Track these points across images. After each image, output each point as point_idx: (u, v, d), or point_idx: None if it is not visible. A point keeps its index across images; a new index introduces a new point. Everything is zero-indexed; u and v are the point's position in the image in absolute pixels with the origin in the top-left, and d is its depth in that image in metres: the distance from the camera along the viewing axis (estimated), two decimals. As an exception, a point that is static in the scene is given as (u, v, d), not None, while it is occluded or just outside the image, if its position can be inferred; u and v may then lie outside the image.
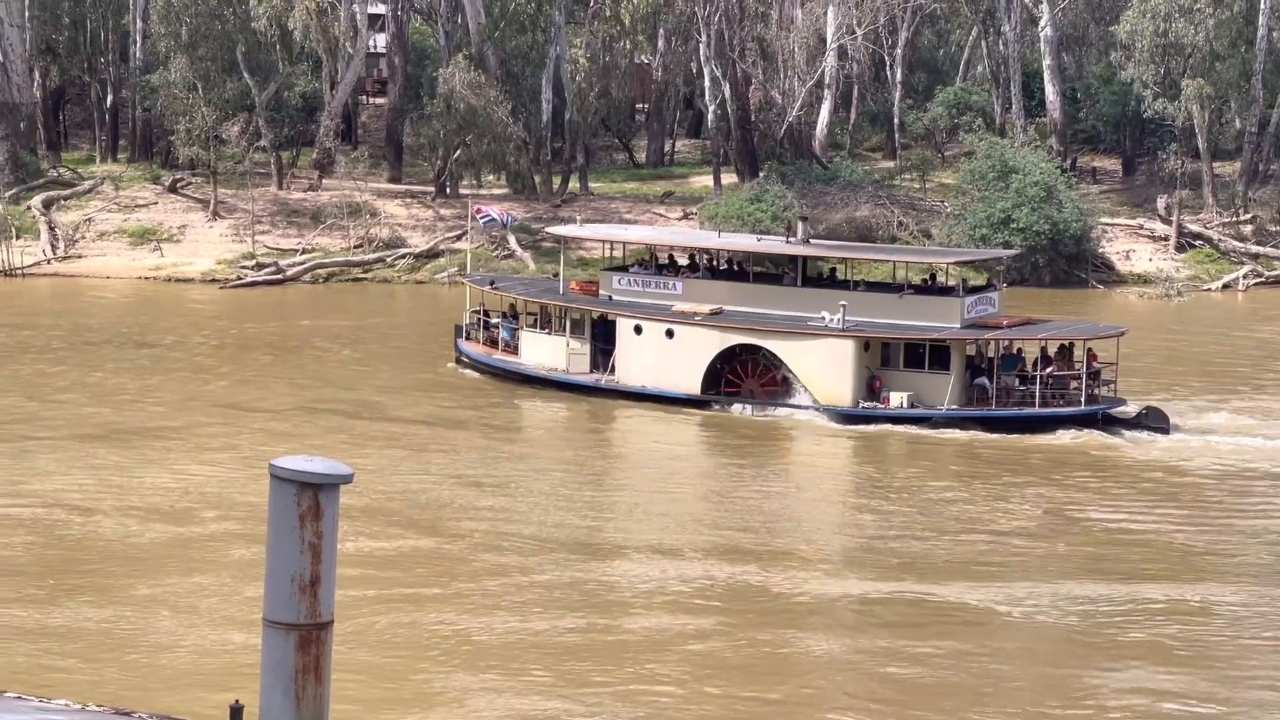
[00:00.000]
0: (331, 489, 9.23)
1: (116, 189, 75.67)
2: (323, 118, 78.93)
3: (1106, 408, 43.42)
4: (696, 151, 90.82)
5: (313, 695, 9.22)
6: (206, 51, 75.27)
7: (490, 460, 39.18)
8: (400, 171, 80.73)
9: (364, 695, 23.64)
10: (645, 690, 24.81)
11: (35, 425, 41.12)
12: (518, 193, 77.28)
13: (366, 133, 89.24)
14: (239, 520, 33.06)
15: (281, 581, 9.17)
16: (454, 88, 73.00)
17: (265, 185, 75.41)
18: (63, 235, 71.35)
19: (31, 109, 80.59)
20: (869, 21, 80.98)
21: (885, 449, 41.78)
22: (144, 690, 23.38)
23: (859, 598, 29.57)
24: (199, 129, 73.01)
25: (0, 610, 27.27)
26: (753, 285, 47.63)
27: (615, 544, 32.46)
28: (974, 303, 45.13)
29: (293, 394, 45.47)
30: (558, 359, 47.40)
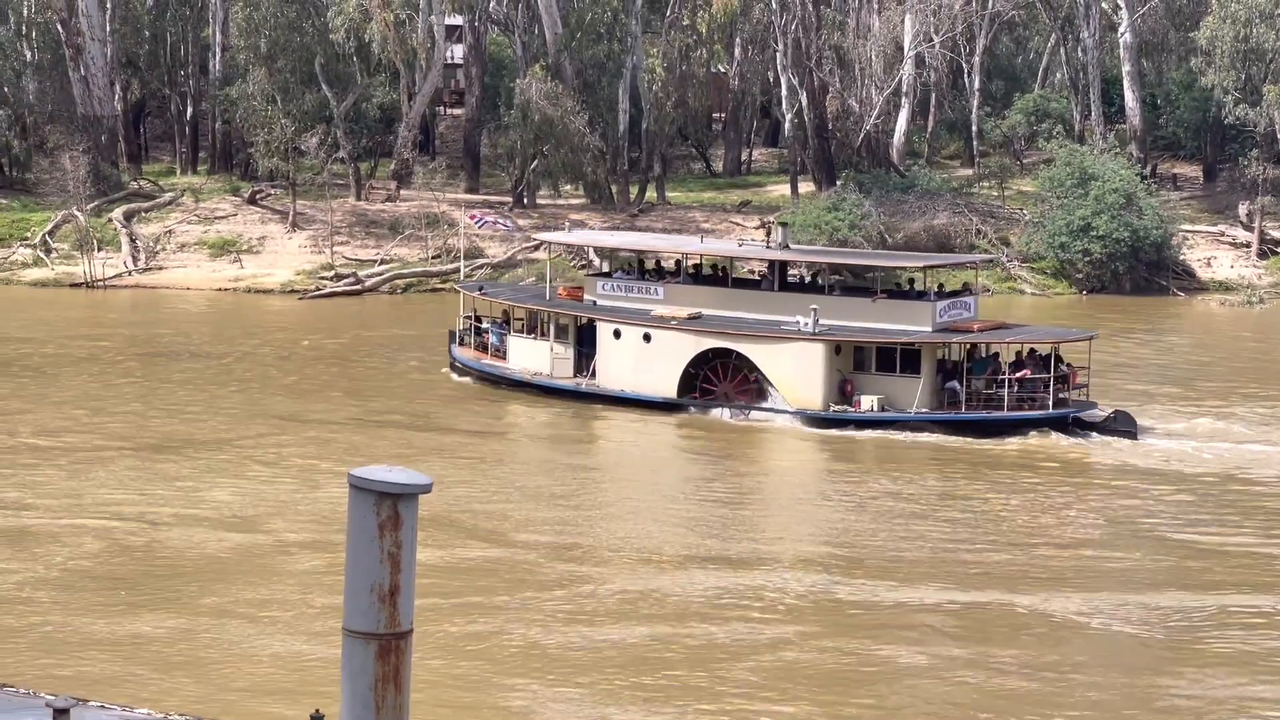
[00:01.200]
0: (410, 499, 9.20)
1: (196, 201, 76.28)
2: (400, 129, 79.28)
3: (1077, 411, 43.56)
4: (773, 160, 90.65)
5: (392, 704, 9.19)
6: (285, 64, 75.78)
7: (518, 468, 39.22)
8: (478, 182, 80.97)
9: (438, 704, 23.64)
10: (722, 701, 24.70)
11: (102, 436, 41.46)
12: (595, 203, 77.36)
13: (444, 143, 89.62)
14: (303, 529, 33.28)
15: (361, 591, 9.15)
16: (531, 98, 73.17)
17: (344, 196, 75.82)
18: (143, 247, 71.98)
19: (113, 122, 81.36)
20: (946, 29, 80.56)
21: (908, 455, 41.62)
22: (219, 700, 23.46)
23: (933, 607, 29.33)
24: (278, 141, 73.50)
25: (74, 619, 27.43)
26: (731, 290, 48.11)
27: (679, 554, 32.34)
28: (947, 307, 45.30)
29: (343, 406, 45.92)
30: (542, 363, 48.08)
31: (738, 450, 42.55)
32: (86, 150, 75.14)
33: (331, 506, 34.88)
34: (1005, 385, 43.17)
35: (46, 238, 72.06)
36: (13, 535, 32.28)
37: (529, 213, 75.90)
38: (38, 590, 28.92)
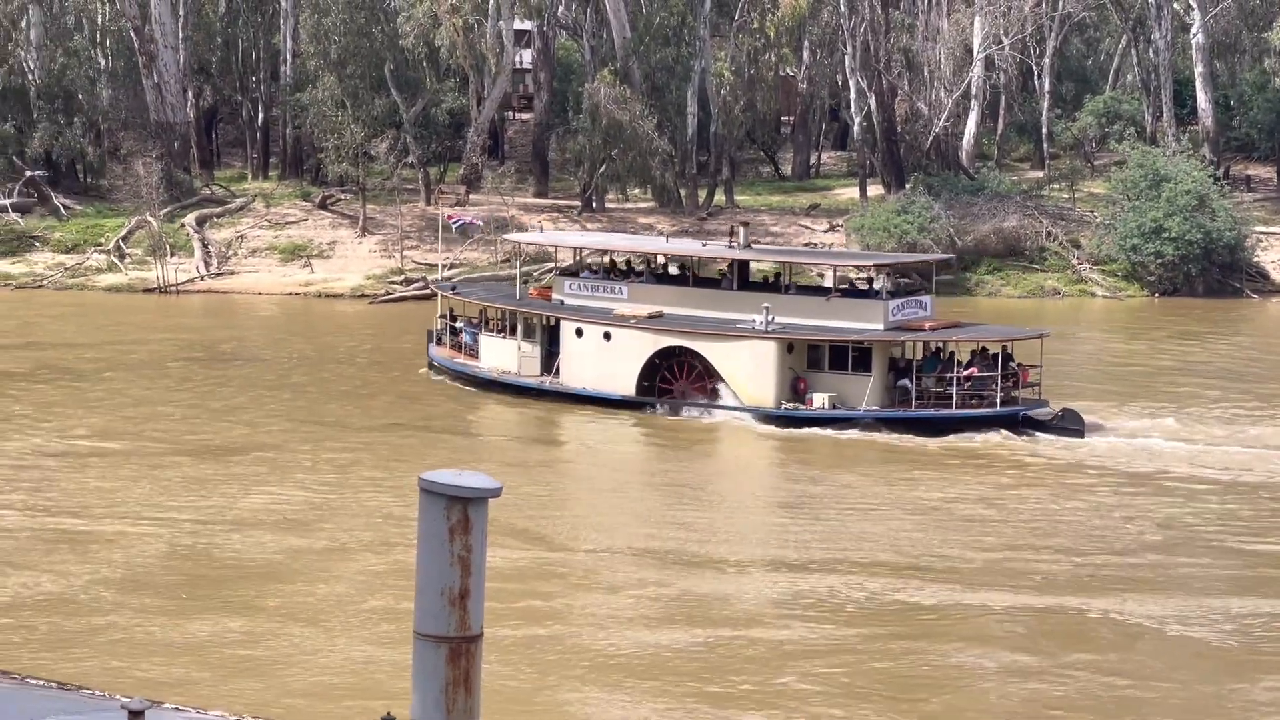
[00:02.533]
0: (480, 502, 9.21)
1: (267, 206, 76.79)
2: (469, 133, 79.53)
3: (1026, 409, 43.75)
4: (842, 163, 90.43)
5: (463, 708, 9.20)
6: (355, 69, 76.16)
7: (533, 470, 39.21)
8: (546, 186, 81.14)
9: (504, 706, 23.67)
10: (786, 705, 24.62)
11: (161, 439, 41.74)
12: (663, 206, 77.37)
13: (513, 148, 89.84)
14: (359, 532, 33.43)
15: (432, 594, 9.16)
16: (599, 102, 73.27)
17: (413, 201, 76.12)
18: (215, 252, 72.50)
19: (185, 128, 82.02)
20: (1016, 31, 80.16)
21: (866, 454, 41.77)
22: (284, 703, 23.55)
23: (997, 610, 29.13)
24: (348, 146, 73.87)
25: (138, 622, 27.59)
26: (692, 289, 48.35)
27: (729, 558, 32.28)
28: (900, 305, 45.51)
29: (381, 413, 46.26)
30: (510, 362, 48.59)
31: (699, 449, 42.97)
32: (160, 156, 75.73)
33: (382, 509, 35.18)
34: (955, 384, 43.42)
35: (120, 243, 72.67)
36: (75, 538, 32.52)
37: (598, 216, 75.99)
38: (101, 592, 29.13)
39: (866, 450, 42.10)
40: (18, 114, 77.69)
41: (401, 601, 28.66)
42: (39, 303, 66.50)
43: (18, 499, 35.40)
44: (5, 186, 76.47)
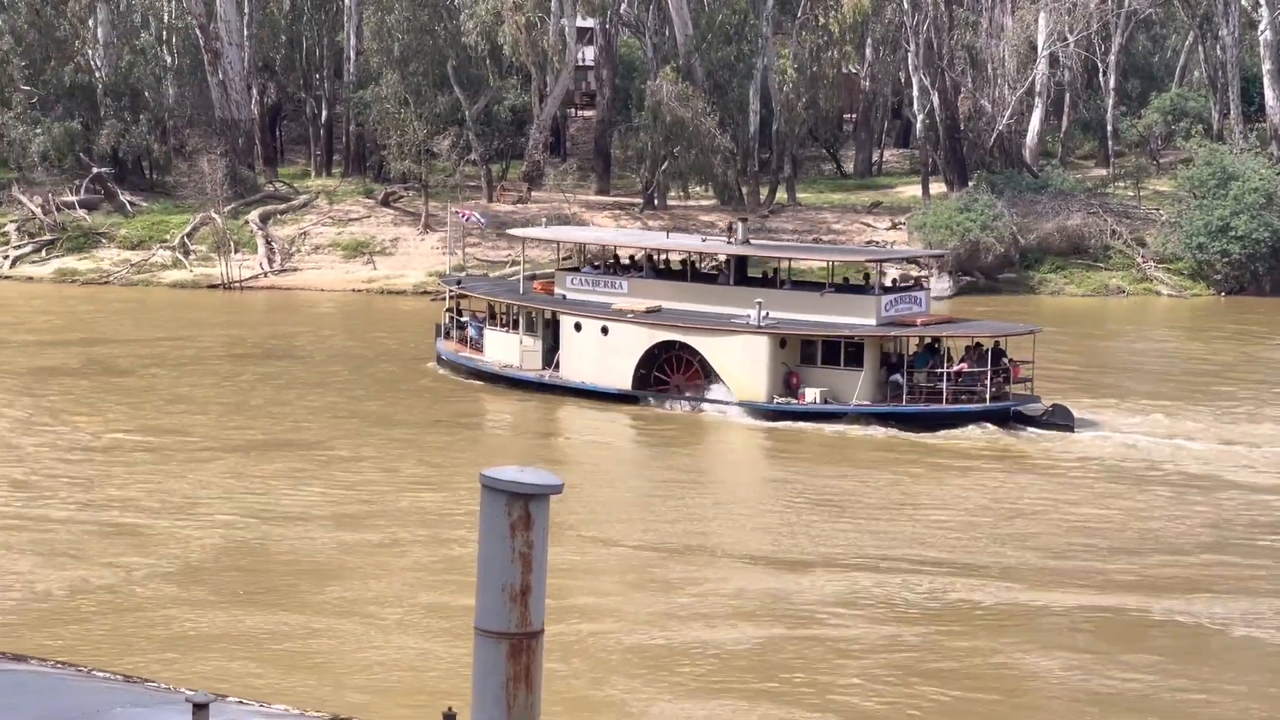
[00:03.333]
0: (541, 499, 9.21)
1: (330, 203, 77.15)
2: (532, 131, 79.69)
3: (1017, 404, 43.93)
4: (905, 161, 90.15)
5: (523, 704, 9.20)
6: (418, 67, 76.44)
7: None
8: (608, 183, 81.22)
9: (562, 703, 23.70)
10: (843, 703, 24.56)
11: (213, 434, 41.96)
12: (725, 204, 77.29)
13: (575, 145, 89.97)
14: (411, 527, 33.52)
15: (492, 590, 9.17)
16: (662, 99, 73.27)
17: (475, 198, 76.31)
18: (279, 249, 72.90)
19: (249, 125, 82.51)
20: (1081, 28, 79.68)
21: (860, 448, 41.70)
22: (339, 699, 23.57)
23: (1057, 610, 28.95)
24: (410, 143, 74.13)
25: (194, 616, 27.70)
26: (690, 284, 48.64)
27: (793, 555, 32.18)
28: (893, 301, 45.65)
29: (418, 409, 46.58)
30: (512, 356, 49.05)
31: (707, 443, 43.23)
32: (224, 153, 76.21)
33: (433, 504, 35.33)
34: (945, 379, 43.61)
35: (185, 240, 73.18)
36: (129, 532, 32.72)
37: (659, 214, 75.98)
38: (158, 586, 29.28)
39: (878, 447, 41.94)
40: (85, 111, 78.32)
41: (454, 596, 28.79)
42: (101, 299, 67.04)
43: (70, 494, 35.62)
44: (72, 183, 77.14)
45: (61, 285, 70.79)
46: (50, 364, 51.37)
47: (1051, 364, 50.27)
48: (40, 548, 31.42)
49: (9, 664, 11.46)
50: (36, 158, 76.10)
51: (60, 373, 50.02)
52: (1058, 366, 50.73)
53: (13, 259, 73.64)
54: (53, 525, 33.02)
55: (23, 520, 33.37)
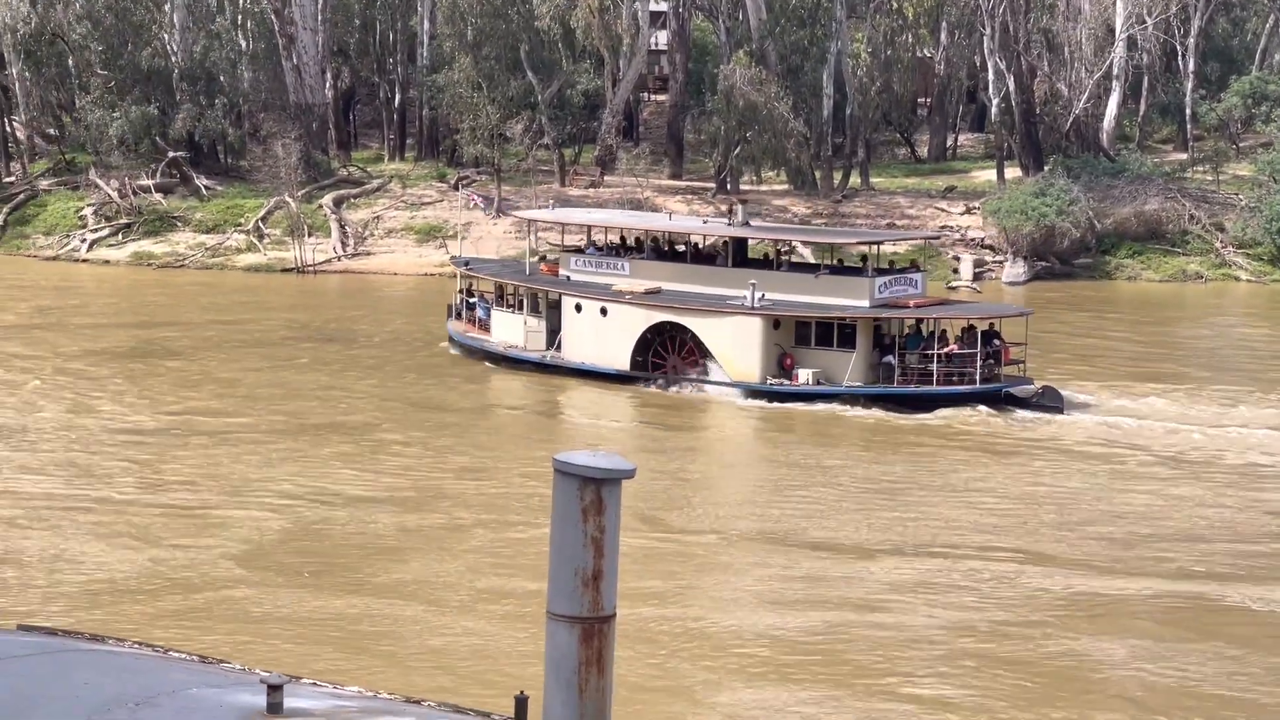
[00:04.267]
0: (614, 483, 9.19)
1: (403, 187, 77.45)
2: (604, 115, 79.69)
3: (1008, 386, 44.11)
4: (979, 145, 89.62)
5: (595, 687, 9.18)
6: (490, 51, 76.59)
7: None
8: (681, 168, 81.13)
9: (628, 687, 23.71)
10: (912, 689, 24.46)
11: (256, 419, 42.20)
12: (798, 189, 77.08)
13: (648, 129, 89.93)
14: (472, 511, 33.62)
15: (565, 575, 9.15)
16: (735, 84, 73.09)
17: (548, 182, 76.41)
18: (352, 233, 73.24)
19: (323, 110, 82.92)
20: (1160, 10, 78.91)
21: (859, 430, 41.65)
22: (406, 681, 23.63)
23: (1130, 596, 28.72)
24: (483, 127, 74.29)
25: (260, 598, 27.80)
26: (689, 265, 49.02)
27: (854, 542, 32.06)
28: (888, 283, 45.84)
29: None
30: (518, 336, 49.60)
31: (712, 424, 43.37)
32: (298, 138, 76.60)
33: (494, 488, 35.45)
34: (936, 360, 43.87)
35: (259, 224, 73.65)
36: (194, 514, 32.90)
37: (731, 198, 75.77)
38: (225, 568, 29.41)
39: (896, 430, 41.99)
40: (161, 96, 78.91)
41: (515, 580, 28.86)
42: (172, 282, 67.62)
43: (130, 476, 35.83)
44: (149, 168, 77.74)
45: (137, 268, 71.43)
46: (108, 346, 51.85)
47: (1110, 348, 50.33)
48: (106, 530, 31.66)
49: (87, 644, 11.55)
50: (114, 142, 76.72)
51: (118, 355, 50.47)
52: (1116, 350, 50.79)
53: (90, 242, 74.33)
54: (116, 508, 33.24)
55: (87, 502, 33.63)
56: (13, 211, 77.75)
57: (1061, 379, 46.01)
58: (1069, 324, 58.06)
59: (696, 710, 23.67)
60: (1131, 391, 45.43)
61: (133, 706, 9.56)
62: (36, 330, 54.83)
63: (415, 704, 10.94)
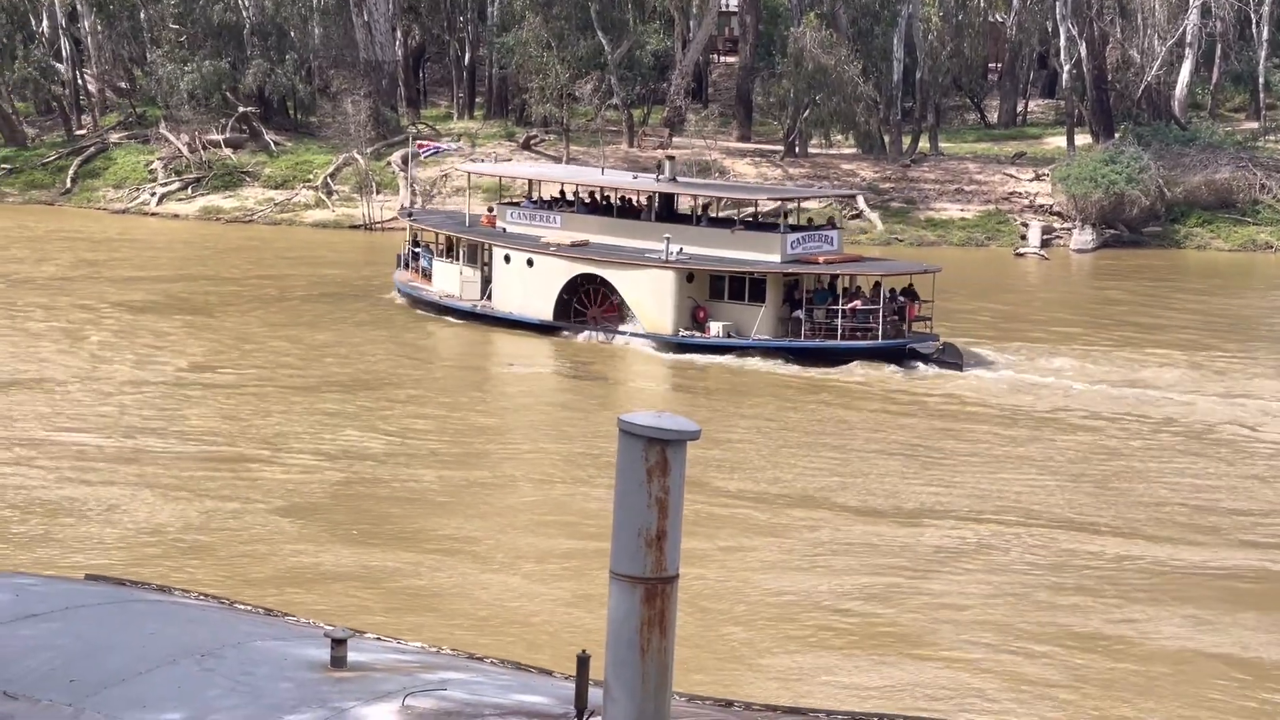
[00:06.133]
0: (679, 445, 9.20)
1: (472, 145, 77.52)
2: (674, 76, 79.49)
3: (912, 342, 45.10)
4: (1050, 112, 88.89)
5: (658, 648, 9.21)
6: (561, 10, 76.48)
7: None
8: (749, 130, 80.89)
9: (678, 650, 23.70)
10: (957, 654, 24.41)
11: (294, 373, 42.54)
12: (866, 152, 76.74)
13: (717, 91, 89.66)
14: (518, 467, 33.85)
15: (629, 535, 9.18)
16: (805, 46, 72.77)
17: (616, 143, 76.34)
18: (420, 190, 73.41)
19: (393, 67, 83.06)
20: (1236, -23, 78.00)
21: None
22: (457, 636, 23.77)
23: (1176, 564, 28.55)
24: (552, 87, 74.26)
25: (310, 551, 27.98)
26: (616, 220, 50.25)
27: (880, 504, 31.96)
28: (801, 239, 47.05)
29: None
30: (454, 286, 50.98)
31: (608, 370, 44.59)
32: (368, 95, 76.79)
33: (534, 446, 35.69)
34: (840, 316, 45.01)
35: (328, 180, 73.93)
36: (239, 468, 33.14)
37: (800, 161, 75.59)
38: (274, 521, 29.58)
39: (787, 382, 43.06)
40: (232, 51, 79.23)
41: (563, 539, 29.00)
42: (230, 237, 68.06)
43: (170, 429, 36.06)
44: (219, 122, 78.12)
45: (205, 223, 71.87)
46: (142, 299, 52.31)
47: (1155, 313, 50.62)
48: (154, 482, 31.88)
49: (154, 594, 11.68)
50: (184, 96, 77.10)
51: (152, 308, 50.85)
52: (1169, 317, 51.06)
53: (159, 196, 74.81)
54: (160, 461, 33.46)
55: (129, 454, 33.92)
56: (84, 164, 78.32)
57: (1036, 344, 47.01)
58: (1132, 291, 57.88)
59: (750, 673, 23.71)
60: (1060, 353, 46.07)
61: (199, 657, 9.68)
62: (71, 281, 55.32)
63: (477, 660, 11.03)
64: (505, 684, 10.04)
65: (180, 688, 9.31)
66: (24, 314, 49.53)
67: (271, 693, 9.29)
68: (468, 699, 9.40)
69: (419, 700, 9.22)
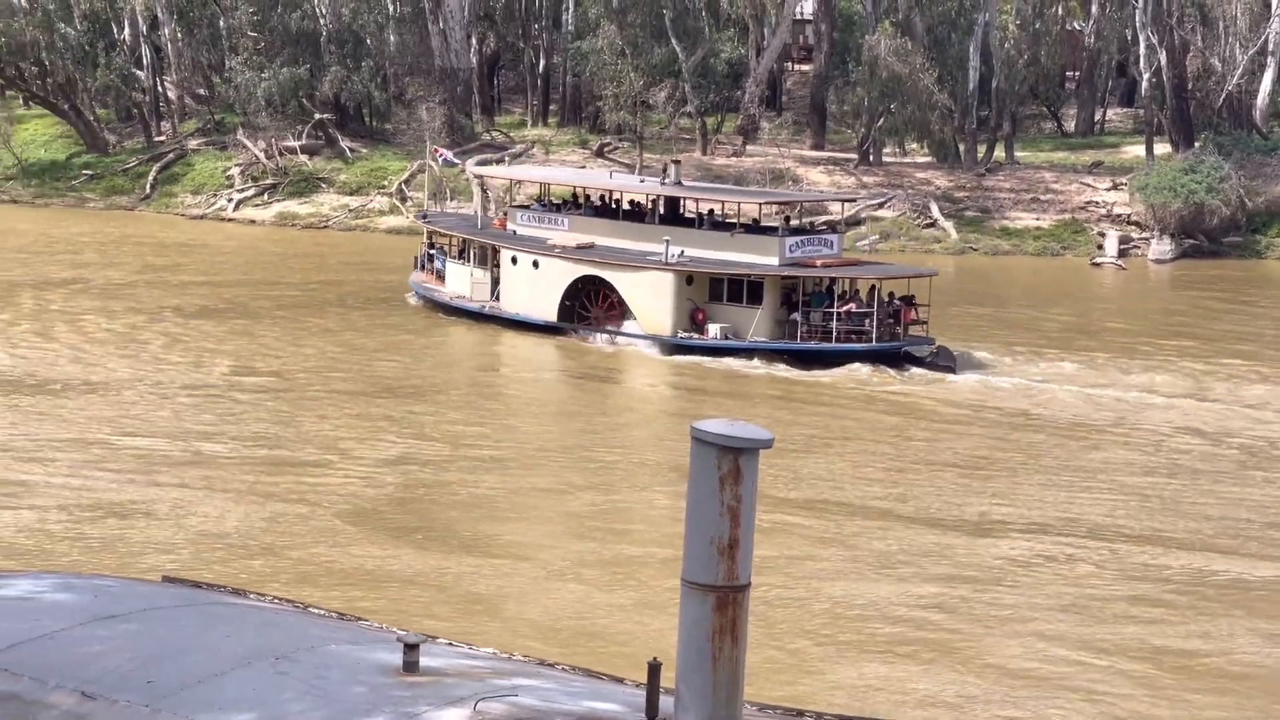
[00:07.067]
0: (751, 453, 9.19)
1: (546, 152, 77.71)
2: (747, 84, 79.44)
3: (906, 345, 45.70)
4: (1128, 121, 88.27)
5: (729, 656, 9.21)
6: (635, 18, 76.58)
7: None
8: (823, 138, 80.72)
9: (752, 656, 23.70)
10: (1030, 667, 24.25)
11: (345, 377, 42.84)
12: (941, 161, 76.42)
13: (790, 99, 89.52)
14: (571, 473, 33.92)
15: (701, 543, 9.18)
16: (879, 54, 72.57)
17: (689, 151, 76.34)
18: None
19: (468, 74, 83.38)
20: (1317, -15, 77.18)
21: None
22: (521, 643, 23.81)
23: (1265, 583, 28.31)
24: (626, 95, 74.36)
25: (376, 557, 28.10)
26: (621, 222, 51.11)
27: (941, 515, 31.79)
28: (799, 242, 47.79)
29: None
30: (465, 287, 52.09)
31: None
32: (442, 101, 77.15)
33: (579, 449, 35.86)
34: (835, 319, 45.59)
35: (402, 186, 74.29)
36: (294, 471, 33.35)
37: (874, 170, 75.37)
38: (336, 525, 29.72)
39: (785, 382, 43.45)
40: (309, 58, 79.77)
41: (624, 545, 29.01)
42: (298, 242, 68.58)
43: (228, 433, 36.30)
44: (295, 129, 78.67)
45: (281, 229, 72.40)
46: (204, 303, 52.82)
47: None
48: (215, 485, 32.08)
49: (230, 597, 11.77)
50: (261, 103, 77.70)
51: (211, 313, 51.26)
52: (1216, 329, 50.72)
53: (236, 202, 75.43)
54: (221, 464, 33.68)
55: (192, 457, 34.15)
56: (163, 170, 79.07)
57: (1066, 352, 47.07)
58: (1207, 302, 57.53)
59: (819, 683, 23.63)
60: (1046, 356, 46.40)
61: (273, 660, 9.74)
62: (131, 287, 55.83)
63: (548, 666, 11.05)
64: (576, 691, 10.06)
65: (255, 690, 9.37)
66: (85, 318, 50.09)
67: (344, 697, 9.34)
68: (539, 705, 9.42)
69: (491, 706, 9.24)
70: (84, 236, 67.75)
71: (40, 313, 50.68)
